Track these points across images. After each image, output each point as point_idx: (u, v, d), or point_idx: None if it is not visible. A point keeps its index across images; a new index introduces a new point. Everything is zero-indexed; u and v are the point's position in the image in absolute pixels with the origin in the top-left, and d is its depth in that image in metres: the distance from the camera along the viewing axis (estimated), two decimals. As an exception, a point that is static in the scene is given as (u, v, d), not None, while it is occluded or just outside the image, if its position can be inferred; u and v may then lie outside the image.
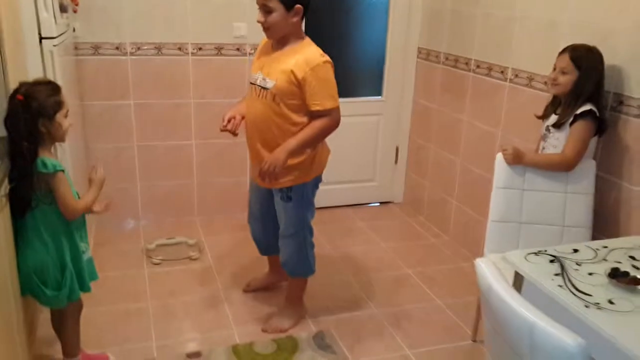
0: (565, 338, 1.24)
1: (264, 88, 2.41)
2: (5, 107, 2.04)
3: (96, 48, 3.48)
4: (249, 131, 2.57)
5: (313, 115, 2.40)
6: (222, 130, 2.50)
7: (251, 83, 2.51)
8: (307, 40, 2.46)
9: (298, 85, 2.34)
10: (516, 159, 2.49)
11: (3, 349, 1.87)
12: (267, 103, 2.41)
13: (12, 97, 2.01)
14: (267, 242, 2.87)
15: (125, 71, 3.57)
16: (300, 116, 2.41)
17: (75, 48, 3.42)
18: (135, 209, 3.84)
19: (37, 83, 2.08)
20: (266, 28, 2.38)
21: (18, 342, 2.06)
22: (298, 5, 2.34)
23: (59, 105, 2.06)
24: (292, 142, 2.39)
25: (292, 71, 2.33)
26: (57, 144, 2.21)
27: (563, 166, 2.44)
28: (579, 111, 2.39)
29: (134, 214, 3.85)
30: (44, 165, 2.01)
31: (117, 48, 3.51)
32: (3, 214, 1.93)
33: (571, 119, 2.41)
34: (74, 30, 3.34)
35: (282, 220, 2.64)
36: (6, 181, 1.98)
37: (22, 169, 2.00)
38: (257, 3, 2.36)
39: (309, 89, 2.33)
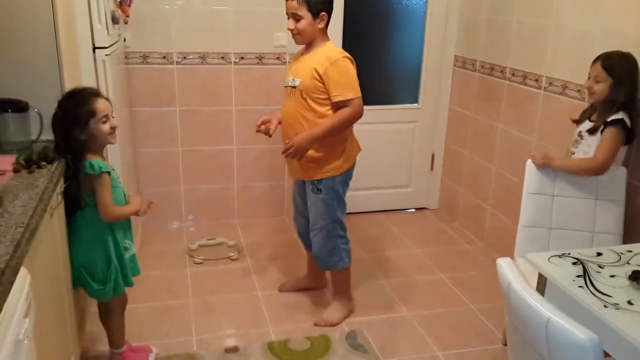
0: (578, 332, 1.30)
1: (293, 87, 2.67)
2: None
3: (145, 57, 3.68)
4: (284, 129, 2.78)
5: (337, 106, 2.60)
6: (257, 131, 2.78)
7: (285, 86, 2.77)
8: (330, 42, 2.70)
9: (321, 80, 2.57)
10: (545, 161, 2.53)
11: (57, 339, 2.02)
12: (296, 100, 2.66)
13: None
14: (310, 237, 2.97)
15: (172, 79, 3.75)
16: (325, 108, 2.62)
17: (126, 57, 3.62)
18: (179, 211, 4.02)
19: (70, 94, 2.20)
20: (296, 34, 2.64)
21: (70, 332, 2.21)
22: (323, 13, 2.59)
23: (91, 113, 2.14)
24: (317, 129, 2.59)
25: (314, 68, 2.57)
26: (108, 146, 2.35)
27: (593, 170, 2.47)
28: (609, 119, 2.42)
29: (177, 216, 4.02)
30: (91, 166, 2.14)
31: (164, 57, 3.70)
32: (59, 210, 2.10)
33: (602, 126, 2.44)
34: (124, 40, 3.54)
35: (312, 212, 2.81)
36: (62, 180, 2.15)
37: (73, 169, 2.15)
38: (287, 12, 2.61)
39: (331, 81, 2.55)
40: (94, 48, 2.73)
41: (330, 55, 2.58)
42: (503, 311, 1.71)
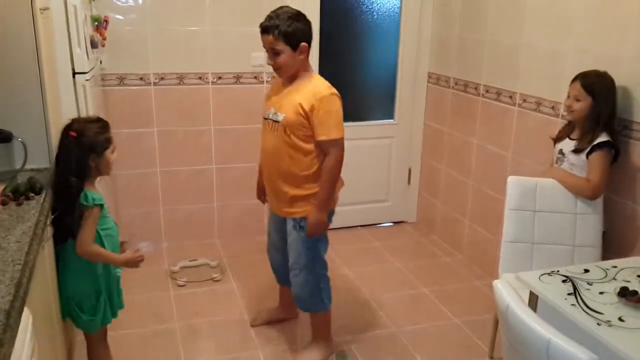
0: (579, 354, 1.35)
1: (276, 121, 2.53)
2: (45, 140, 2.18)
3: (122, 79, 3.65)
4: (264, 163, 2.69)
5: (319, 145, 2.50)
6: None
7: (264, 118, 2.64)
8: (315, 74, 2.58)
9: (306, 117, 2.45)
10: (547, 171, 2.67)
11: (48, 370, 1.99)
12: (278, 135, 2.53)
13: (65, 133, 2.14)
14: (286, 271, 2.84)
15: (149, 100, 3.74)
16: (309, 145, 2.51)
17: (102, 79, 3.58)
18: (158, 232, 3.99)
19: (88, 121, 2.22)
20: (276, 69, 2.50)
21: (60, 363, 2.18)
22: (303, 44, 2.45)
23: (108, 142, 2.19)
24: (319, 197, 2.53)
25: (300, 104, 2.44)
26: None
27: (589, 193, 2.53)
28: (596, 141, 2.50)
29: (157, 237, 3.99)
30: (86, 197, 2.12)
31: (141, 78, 3.68)
32: (49, 243, 2.07)
33: (589, 148, 2.52)
34: (100, 62, 3.51)
35: (293, 251, 2.66)
36: (50, 211, 2.11)
37: (68, 201, 2.12)
38: (264, 47, 2.48)
39: (316, 119, 2.44)
40: (74, 73, 2.71)
41: (317, 91, 2.45)
42: (501, 331, 1.76)
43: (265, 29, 2.44)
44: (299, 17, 2.45)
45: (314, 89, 2.47)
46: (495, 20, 3.48)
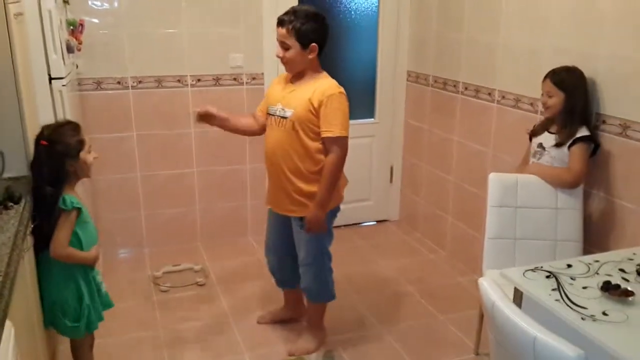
0: (566, 350, 1.36)
1: (283, 117, 2.55)
2: (23, 148, 2.15)
3: (99, 83, 3.61)
4: (270, 159, 2.66)
5: (324, 142, 2.53)
6: (198, 121, 2.64)
7: (269, 114, 2.65)
8: (324, 74, 2.61)
9: (315, 113, 2.49)
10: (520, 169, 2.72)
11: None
12: (286, 131, 2.55)
13: (37, 143, 2.11)
14: (283, 275, 2.94)
15: (128, 104, 3.69)
16: (316, 143, 2.54)
17: (79, 84, 3.53)
18: (139, 237, 3.94)
19: (58, 126, 2.20)
20: (285, 62, 2.55)
21: (42, 374, 2.15)
22: (313, 44, 2.49)
23: (80, 143, 2.17)
24: (318, 195, 2.55)
25: (309, 100, 2.48)
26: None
27: (569, 183, 2.58)
28: (577, 135, 2.56)
29: (138, 242, 3.94)
30: (64, 202, 2.11)
31: (118, 82, 3.64)
32: (29, 252, 2.03)
33: (570, 142, 2.57)
34: (77, 67, 3.46)
35: (301, 248, 2.72)
36: (30, 220, 2.08)
37: (45, 210, 2.09)
38: (277, 39, 2.52)
39: (323, 116, 2.48)
40: (50, 79, 2.66)
41: (327, 89, 2.49)
42: (487, 328, 1.78)
43: (280, 22, 2.48)
44: (316, 17, 2.50)
45: (324, 86, 2.51)
46: (472, 19, 3.50)
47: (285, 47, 2.49)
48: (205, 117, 2.64)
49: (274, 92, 2.68)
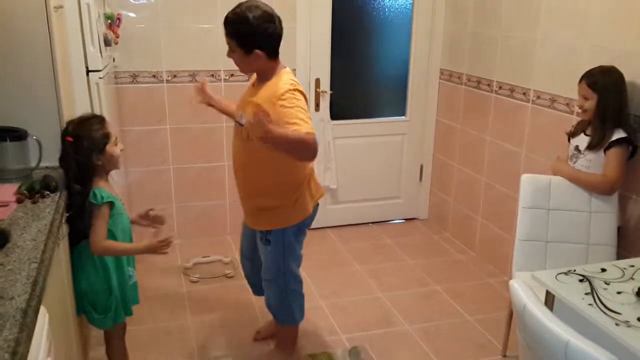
0: (599, 356, 1.34)
1: (241, 125, 2.33)
2: (60, 138, 2.19)
3: (134, 76, 3.66)
4: (234, 169, 2.54)
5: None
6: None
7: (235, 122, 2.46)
8: (283, 72, 2.31)
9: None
10: (556, 167, 2.66)
11: (64, 366, 2.00)
12: (242, 140, 2.35)
13: (63, 139, 2.13)
14: (256, 282, 2.76)
15: (162, 97, 3.74)
16: (270, 153, 2.18)
17: (115, 77, 3.59)
18: (171, 229, 3.98)
19: (82, 120, 2.18)
20: (236, 65, 2.35)
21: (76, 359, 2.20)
22: (257, 51, 2.22)
23: (106, 136, 2.16)
24: (284, 132, 2.06)
25: (260, 105, 2.15)
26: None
27: (605, 189, 2.52)
28: (613, 138, 2.49)
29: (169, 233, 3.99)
30: (94, 196, 2.11)
31: (154, 76, 3.69)
32: (64, 241, 2.08)
33: (606, 145, 2.50)
34: (113, 60, 3.52)
35: (263, 263, 2.57)
36: (65, 209, 2.12)
37: (77, 203, 2.12)
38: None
39: (280, 117, 2.12)
40: (88, 71, 2.71)
41: (276, 90, 2.20)
42: (516, 330, 1.75)
43: (224, 22, 2.26)
44: (256, 19, 2.19)
45: (275, 88, 2.23)
46: (510, 16, 3.45)
47: (230, 49, 2.28)
48: (203, 95, 2.56)
49: (243, 96, 2.48)
